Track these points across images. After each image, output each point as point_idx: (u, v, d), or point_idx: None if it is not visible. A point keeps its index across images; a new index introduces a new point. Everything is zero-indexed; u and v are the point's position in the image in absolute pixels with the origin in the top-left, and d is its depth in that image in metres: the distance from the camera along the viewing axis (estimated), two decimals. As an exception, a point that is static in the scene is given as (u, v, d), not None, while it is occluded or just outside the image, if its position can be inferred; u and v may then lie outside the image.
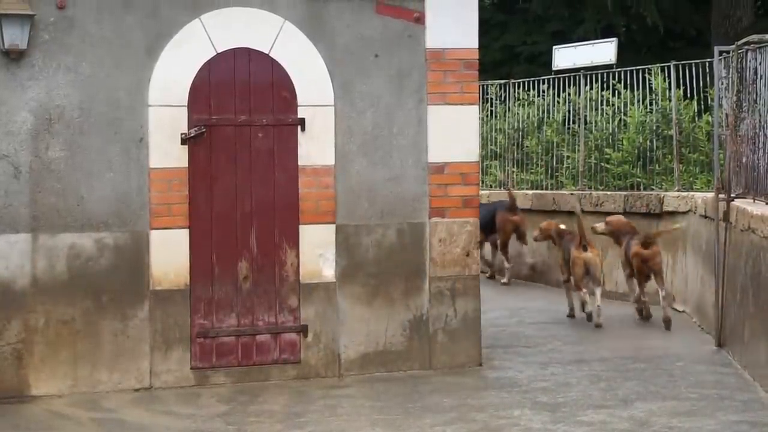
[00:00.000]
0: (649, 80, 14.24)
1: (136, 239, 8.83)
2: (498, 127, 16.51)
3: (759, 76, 9.54)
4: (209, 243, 8.99)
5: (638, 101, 14.25)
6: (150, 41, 8.85)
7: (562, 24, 21.77)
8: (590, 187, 14.55)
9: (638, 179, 14.00)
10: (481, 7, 9.84)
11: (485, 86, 16.69)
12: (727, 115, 10.59)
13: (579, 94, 14.91)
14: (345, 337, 9.27)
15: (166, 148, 8.87)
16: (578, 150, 14.83)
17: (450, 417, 7.97)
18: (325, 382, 9.08)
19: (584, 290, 11.57)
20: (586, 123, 14.86)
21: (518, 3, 21.71)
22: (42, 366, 8.64)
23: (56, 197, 8.67)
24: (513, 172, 16.30)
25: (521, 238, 14.59)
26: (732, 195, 10.16)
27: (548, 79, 15.64)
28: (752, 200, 9.66)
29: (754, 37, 9.73)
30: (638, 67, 14.39)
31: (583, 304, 11.68)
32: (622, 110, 14.49)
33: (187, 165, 8.93)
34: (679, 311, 12.52)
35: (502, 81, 17.02)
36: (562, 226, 12.43)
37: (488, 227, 14.08)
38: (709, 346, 10.46)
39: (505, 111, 16.57)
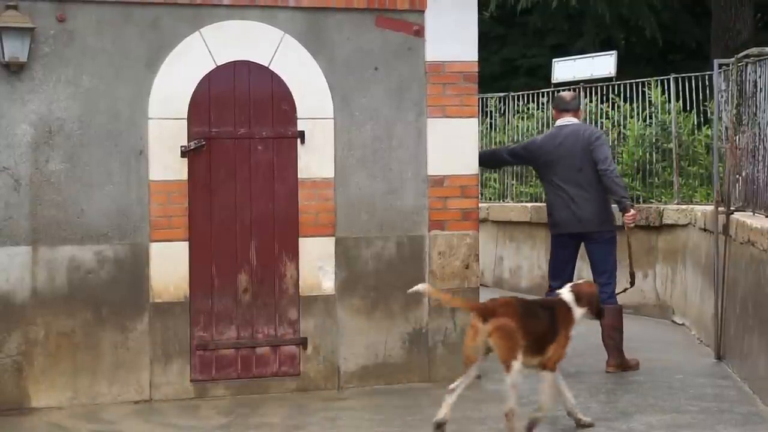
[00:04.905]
0: (648, 93, 14.26)
1: (136, 252, 8.84)
2: (498, 140, 16.52)
3: (759, 89, 9.55)
4: (209, 255, 9.00)
5: (637, 114, 14.26)
6: (150, 54, 8.87)
7: (562, 37, 21.80)
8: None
9: (637, 192, 13.99)
10: (480, 21, 9.85)
11: (485, 99, 16.70)
12: (726, 128, 10.61)
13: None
14: (344, 349, 9.27)
15: (166, 161, 8.88)
16: (577, 163, 14.82)
17: (450, 430, 7.96)
18: (325, 395, 9.09)
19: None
20: (585, 136, 14.85)
21: (517, 16, 21.73)
22: (42, 378, 8.64)
23: (56, 210, 8.68)
24: (512, 184, 16.32)
25: None
26: (731, 208, 10.17)
27: (548, 92, 15.64)
28: (752, 213, 9.66)
29: (754, 50, 9.73)
30: (637, 80, 14.40)
31: None
32: (622, 123, 14.50)
33: (186, 177, 8.94)
34: (679, 324, 12.53)
35: (502, 94, 17.03)
36: None
37: None
38: (709, 359, 10.46)
39: (505, 124, 16.59)
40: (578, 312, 7.81)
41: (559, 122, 10.32)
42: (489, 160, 10.96)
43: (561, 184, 10.05)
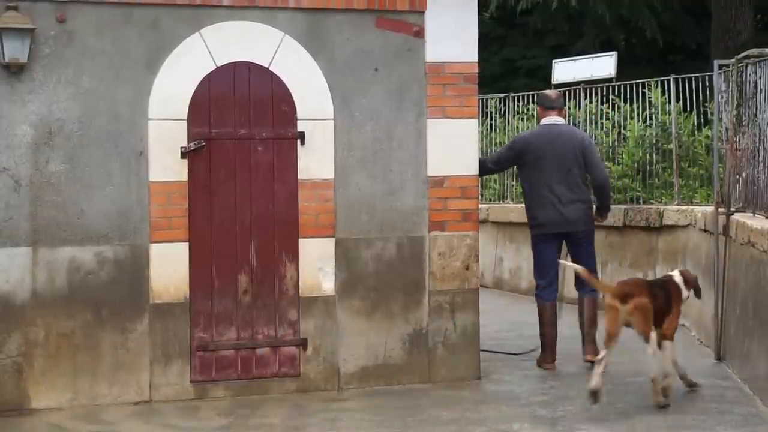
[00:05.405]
0: (648, 94, 14.25)
1: (136, 253, 8.83)
2: (498, 141, 16.52)
3: (759, 90, 9.54)
4: (209, 256, 8.99)
5: (637, 115, 14.26)
6: (150, 55, 8.87)
7: (562, 38, 21.80)
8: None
9: (638, 193, 14.00)
10: (480, 21, 9.85)
11: (485, 100, 16.70)
12: (726, 129, 10.61)
13: (578, 108, 14.92)
14: (344, 350, 9.27)
15: (166, 162, 8.88)
16: (577, 163, 14.81)
17: (449, 430, 7.97)
18: (325, 396, 9.08)
19: None
20: (585, 137, 14.85)
21: (517, 17, 21.73)
22: (42, 379, 8.63)
23: (56, 210, 8.67)
24: (512, 185, 16.31)
25: None
26: (732, 209, 10.17)
27: (548, 93, 15.61)
28: (752, 214, 9.66)
29: (754, 51, 9.73)
30: (637, 81, 14.39)
31: None
32: (622, 124, 14.50)
33: (186, 178, 8.94)
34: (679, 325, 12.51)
35: (502, 95, 17.03)
36: None
37: None
38: (709, 360, 10.45)
39: (505, 125, 16.59)
40: (685, 292, 9.04)
41: (545, 120, 10.42)
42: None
43: (548, 183, 10.16)
